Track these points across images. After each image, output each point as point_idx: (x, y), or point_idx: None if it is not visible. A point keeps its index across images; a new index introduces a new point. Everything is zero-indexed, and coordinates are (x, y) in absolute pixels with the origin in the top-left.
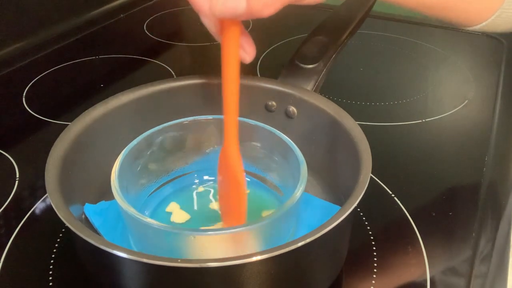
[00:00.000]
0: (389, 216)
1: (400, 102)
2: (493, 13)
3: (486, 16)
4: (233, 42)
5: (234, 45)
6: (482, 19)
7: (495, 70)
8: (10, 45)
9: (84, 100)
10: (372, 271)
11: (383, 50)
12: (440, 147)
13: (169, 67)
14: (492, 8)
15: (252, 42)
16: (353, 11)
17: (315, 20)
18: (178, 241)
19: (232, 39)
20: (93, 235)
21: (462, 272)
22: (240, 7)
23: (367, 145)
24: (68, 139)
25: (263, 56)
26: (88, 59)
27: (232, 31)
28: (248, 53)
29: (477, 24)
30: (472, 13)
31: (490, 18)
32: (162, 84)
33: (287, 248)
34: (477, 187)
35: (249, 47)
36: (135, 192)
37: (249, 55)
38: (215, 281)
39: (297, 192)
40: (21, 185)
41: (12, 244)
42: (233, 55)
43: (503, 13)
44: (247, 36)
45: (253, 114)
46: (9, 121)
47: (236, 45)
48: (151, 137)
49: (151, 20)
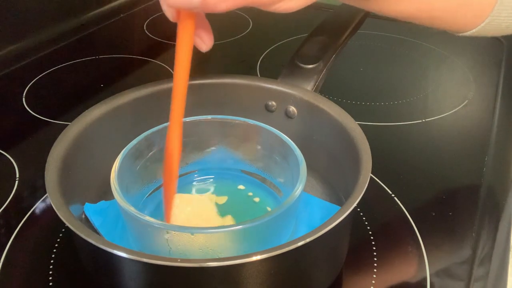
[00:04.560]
0: (389, 216)
1: (400, 102)
2: (483, 20)
3: (475, 24)
4: (187, 31)
5: (187, 34)
6: (471, 27)
7: (495, 70)
8: (10, 45)
9: (84, 100)
10: (372, 271)
11: (383, 50)
12: (440, 147)
13: (169, 67)
14: (481, 17)
15: (210, 32)
16: (353, 11)
17: (315, 20)
18: (177, 240)
19: (186, 29)
20: (93, 234)
21: (462, 272)
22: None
23: (367, 145)
24: (68, 139)
25: (263, 56)
26: (88, 59)
27: (187, 22)
28: (205, 42)
29: (466, 31)
30: (461, 22)
31: (480, 25)
32: (162, 84)
33: (287, 247)
34: (477, 187)
35: (207, 36)
36: (134, 192)
37: (206, 44)
38: (215, 281)
39: (296, 191)
40: (21, 185)
41: (12, 244)
42: (186, 44)
43: (492, 20)
44: (206, 25)
45: (253, 114)
46: (9, 121)
47: (189, 35)
48: (151, 137)
49: (151, 20)
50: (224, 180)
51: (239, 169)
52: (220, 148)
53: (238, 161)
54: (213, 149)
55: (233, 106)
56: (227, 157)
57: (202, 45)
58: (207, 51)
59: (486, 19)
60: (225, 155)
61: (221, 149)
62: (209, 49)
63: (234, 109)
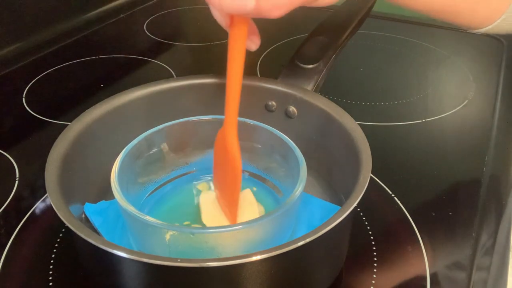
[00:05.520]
0: (389, 216)
1: (400, 102)
2: (499, 16)
3: (493, 20)
4: (240, 37)
5: (241, 39)
6: (488, 23)
7: (495, 70)
8: (10, 45)
9: (84, 100)
10: (372, 271)
11: (383, 50)
12: (440, 147)
13: (169, 67)
14: (498, 13)
15: (257, 32)
16: (353, 11)
17: (315, 20)
18: (177, 240)
19: (239, 34)
20: (93, 234)
21: (462, 272)
22: (249, 5)
23: (367, 145)
24: (68, 139)
25: (263, 56)
26: (88, 59)
27: (239, 27)
28: (254, 42)
29: (483, 27)
30: (479, 17)
31: (496, 22)
32: (162, 84)
33: (287, 247)
34: (477, 187)
35: (255, 36)
36: (135, 192)
37: (255, 44)
38: (215, 281)
39: (296, 191)
40: (21, 185)
41: (12, 244)
42: (239, 49)
43: (508, 17)
44: (254, 27)
45: (253, 114)
46: (9, 121)
47: (243, 40)
48: (151, 137)
49: (151, 20)
50: None
51: None
52: None
53: None
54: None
55: None
56: None
57: (251, 45)
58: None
59: (502, 15)
60: None
61: None
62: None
63: None
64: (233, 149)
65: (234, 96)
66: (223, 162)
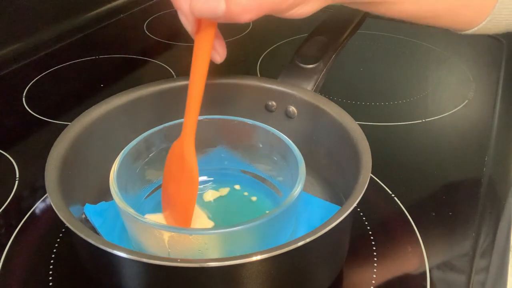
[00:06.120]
0: (389, 216)
1: (400, 102)
2: (484, 19)
3: (477, 22)
4: (206, 43)
5: (207, 45)
6: (473, 25)
7: (495, 70)
8: (10, 45)
9: (84, 100)
10: (372, 271)
11: (383, 50)
12: (440, 147)
13: (169, 67)
14: (482, 15)
15: (224, 45)
16: (353, 11)
17: (315, 20)
18: (176, 241)
19: (206, 40)
20: (93, 235)
21: (462, 272)
22: (220, 9)
23: (367, 145)
24: (68, 139)
25: (263, 56)
26: (88, 59)
27: (207, 32)
28: (219, 54)
29: (468, 29)
30: (462, 20)
31: (481, 24)
32: (162, 84)
33: (287, 248)
34: (477, 187)
35: (221, 49)
36: (134, 193)
37: (221, 56)
38: (215, 281)
39: (295, 190)
40: (21, 185)
41: (12, 244)
42: (203, 57)
43: (493, 18)
44: (220, 38)
45: (253, 114)
46: (9, 121)
47: (209, 46)
48: (150, 138)
49: (151, 20)
50: (224, 180)
51: (239, 169)
52: (220, 148)
53: (237, 161)
54: (212, 149)
55: (233, 106)
56: (226, 157)
57: (217, 56)
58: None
59: (487, 17)
60: (225, 155)
61: (221, 149)
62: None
63: (234, 109)
64: (190, 159)
65: (194, 105)
66: (177, 174)
